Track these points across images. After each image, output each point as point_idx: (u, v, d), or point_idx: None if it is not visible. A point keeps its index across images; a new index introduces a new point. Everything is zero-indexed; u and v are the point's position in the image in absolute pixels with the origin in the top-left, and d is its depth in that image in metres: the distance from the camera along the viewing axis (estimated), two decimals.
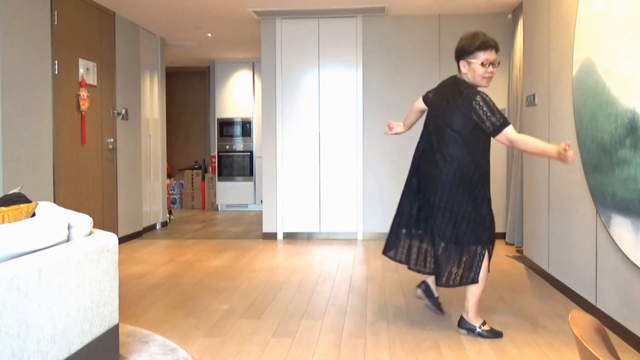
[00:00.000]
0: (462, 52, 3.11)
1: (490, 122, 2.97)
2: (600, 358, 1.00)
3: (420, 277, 3.48)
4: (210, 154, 9.90)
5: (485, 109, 2.98)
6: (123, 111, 6.13)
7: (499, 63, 3.11)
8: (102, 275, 2.44)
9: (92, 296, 2.36)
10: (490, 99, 3.01)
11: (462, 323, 3.17)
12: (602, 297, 3.38)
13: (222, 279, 4.52)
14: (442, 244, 3.09)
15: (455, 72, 3.22)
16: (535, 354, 2.87)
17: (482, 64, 3.05)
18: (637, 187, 2.85)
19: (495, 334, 3.12)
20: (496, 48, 3.08)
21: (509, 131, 2.96)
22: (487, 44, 3.06)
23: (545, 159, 4.38)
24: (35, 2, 4.62)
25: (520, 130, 5.52)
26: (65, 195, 5.03)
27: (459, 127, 3.06)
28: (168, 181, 8.82)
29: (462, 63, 3.12)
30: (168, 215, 7.70)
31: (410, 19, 6.32)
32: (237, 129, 9.33)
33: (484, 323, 3.15)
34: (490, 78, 3.10)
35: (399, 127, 3.61)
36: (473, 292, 3.11)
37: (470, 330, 3.13)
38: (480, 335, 3.10)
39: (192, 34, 7.26)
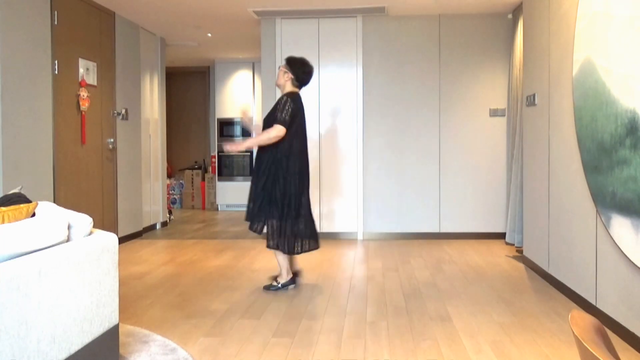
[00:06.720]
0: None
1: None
2: (600, 358, 1.00)
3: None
4: (210, 154, 9.90)
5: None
6: (123, 111, 6.13)
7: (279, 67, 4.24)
8: (102, 275, 2.44)
9: (92, 296, 2.36)
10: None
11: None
12: (602, 297, 3.38)
13: (222, 279, 4.52)
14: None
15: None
16: (535, 354, 2.87)
17: None
18: (637, 187, 2.85)
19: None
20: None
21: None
22: None
23: (545, 159, 4.39)
24: (35, 2, 4.62)
25: (520, 130, 5.52)
26: (65, 195, 5.03)
27: None
28: (168, 181, 8.81)
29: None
30: (168, 215, 7.70)
31: (410, 19, 6.32)
32: (237, 129, 9.33)
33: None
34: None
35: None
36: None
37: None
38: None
39: (192, 34, 7.26)
